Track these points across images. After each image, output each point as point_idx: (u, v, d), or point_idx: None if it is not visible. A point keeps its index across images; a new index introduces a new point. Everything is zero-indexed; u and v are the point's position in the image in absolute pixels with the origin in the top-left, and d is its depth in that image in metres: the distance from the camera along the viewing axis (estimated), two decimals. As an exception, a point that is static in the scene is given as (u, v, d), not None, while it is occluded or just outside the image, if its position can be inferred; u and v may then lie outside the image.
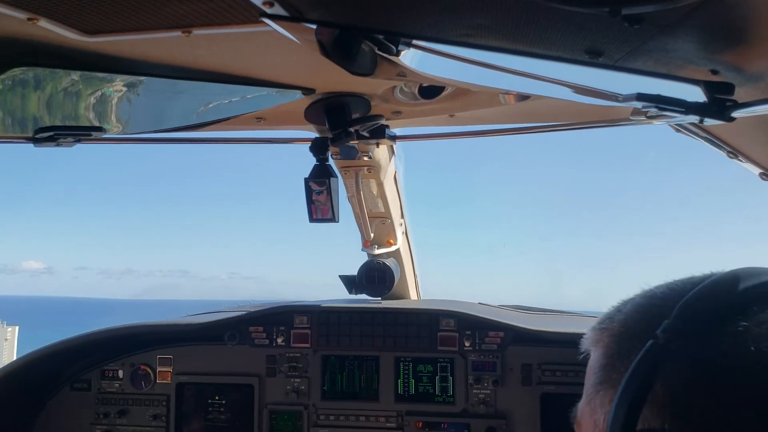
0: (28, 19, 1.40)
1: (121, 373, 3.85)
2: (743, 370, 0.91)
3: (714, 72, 1.45)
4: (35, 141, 2.36)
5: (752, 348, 0.91)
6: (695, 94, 1.49)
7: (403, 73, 1.91)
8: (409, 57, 1.57)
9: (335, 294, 4.12)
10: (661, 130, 2.40)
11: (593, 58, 1.43)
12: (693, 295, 0.98)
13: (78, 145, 2.49)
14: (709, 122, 1.59)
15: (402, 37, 1.39)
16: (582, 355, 1.19)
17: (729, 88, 1.47)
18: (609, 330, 1.09)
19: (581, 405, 1.15)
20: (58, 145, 2.40)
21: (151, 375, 3.82)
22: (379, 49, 1.48)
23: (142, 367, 3.83)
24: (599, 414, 1.05)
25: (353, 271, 3.99)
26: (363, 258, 4.00)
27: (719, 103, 1.48)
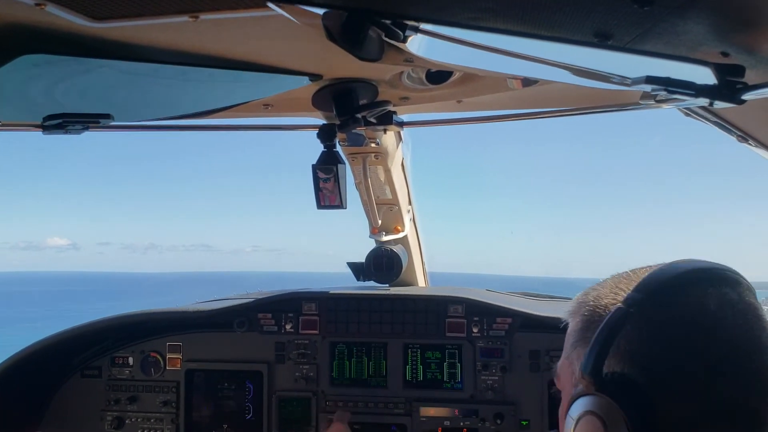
0: (36, 5, 1.40)
1: (131, 360, 3.88)
2: (678, 329, 1.25)
3: (724, 54, 1.43)
4: (44, 129, 2.37)
5: (685, 314, 1.26)
6: (705, 77, 1.48)
7: (410, 58, 1.90)
8: (416, 42, 1.56)
9: (345, 276, 4.13)
10: (670, 114, 2.39)
11: (602, 41, 1.42)
12: (649, 275, 1.34)
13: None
14: (719, 105, 1.58)
15: (409, 20, 1.38)
16: (563, 324, 1.49)
17: (740, 70, 1.45)
18: (585, 303, 1.41)
19: (560, 363, 1.48)
20: (66, 132, 2.41)
21: (161, 362, 3.85)
22: (386, 35, 1.47)
23: (152, 354, 3.86)
24: (576, 365, 1.36)
25: (362, 257, 4.00)
26: (371, 245, 4.00)
27: (730, 85, 1.47)
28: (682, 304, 1.28)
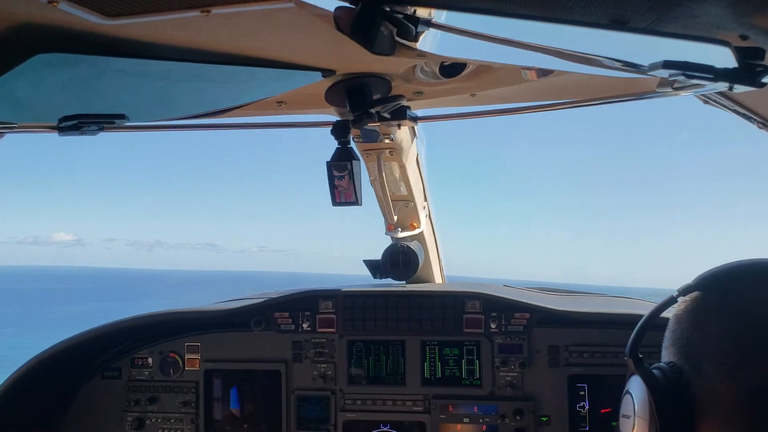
0: (48, 2, 1.40)
1: (150, 361, 3.90)
2: (725, 319, 1.24)
3: (743, 37, 1.41)
4: (60, 130, 2.39)
5: (734, 304, 1.25)
6: (724, 61, 1.46)
7: (423, 52, 1.89)
8: (428, 38, 1.55)
9: (360, 272, 4.12)
10: (688, 101, 2.36)
11: (618, 27, 1.40)
12: (714, 268, 1.31)
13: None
14: (738, 89, 1.55)
15: (421, 7, 1.37)
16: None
17: (759, 53, 1.43)
18: None
19: None
20: (82, 133, 2.42)
21: (180, 362, 3.87)
22: (398, 34, 1.47)
23: (171, 354, 3.88)
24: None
25: (377, 254, 3.99)
26: (387, 242, 3.99)
27: (749, 68, 1.45)
28: (733, 293, 1.26)
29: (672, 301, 1.32)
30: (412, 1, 1.37)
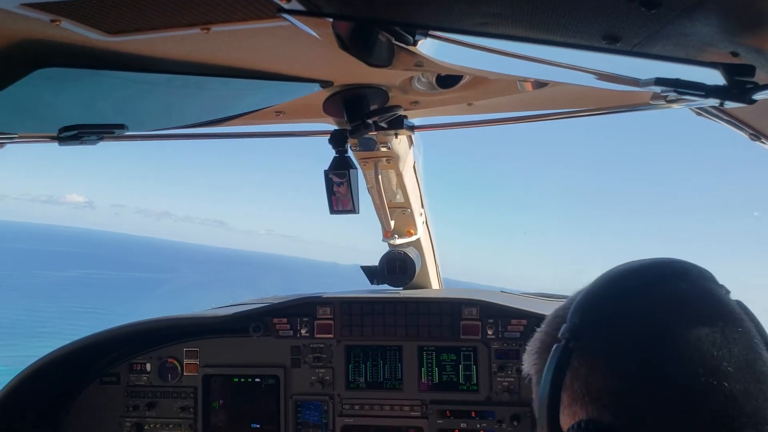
0: (51, 21, 1.42)
1: (149, 367, 3.91)
2: (629, 351, 1.04)
3: (734, 54, 1.43)
4: (60, 140, 2.41)
5: (632, 329, 1.05)
6: (715, 77, 1.48)
7: (420, 62, 1.91)
8: (426, 46, 1.58)
9: (358, 277, 4.13)
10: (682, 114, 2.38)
11: (611, 43, 1.42)
12: (584, 293, 1.12)
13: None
14: (729, 105, 1.58)
15: (418, 27, 1.39)
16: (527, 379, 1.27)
17: (750, 70, 1.45)
18: (529, 350, 1.25)
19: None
20: (82, 143, 2.44)
21: (179, 368, 3.87)
22: (396, 40, 1.48)
23: (170, 360, 3.89)
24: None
25: (372, 251, 4.02)
26: (384, 248, 4.01)
27: (740, 85, 1.46)
28: (625, 317, 1.07)
29: (566, 350, 1.06)
30: (408, 22, 1.39)
